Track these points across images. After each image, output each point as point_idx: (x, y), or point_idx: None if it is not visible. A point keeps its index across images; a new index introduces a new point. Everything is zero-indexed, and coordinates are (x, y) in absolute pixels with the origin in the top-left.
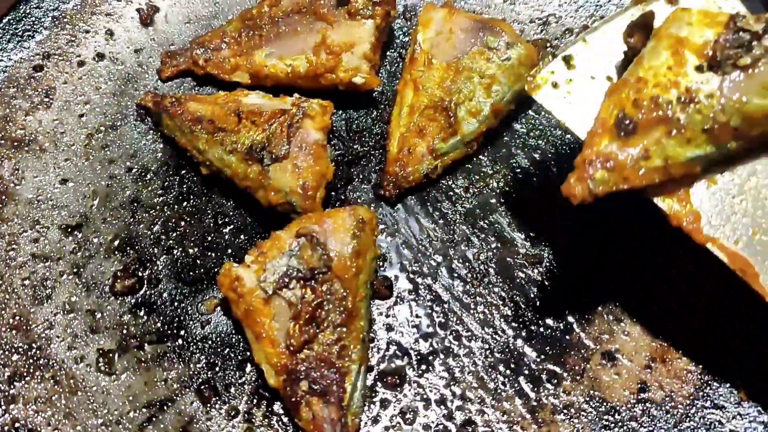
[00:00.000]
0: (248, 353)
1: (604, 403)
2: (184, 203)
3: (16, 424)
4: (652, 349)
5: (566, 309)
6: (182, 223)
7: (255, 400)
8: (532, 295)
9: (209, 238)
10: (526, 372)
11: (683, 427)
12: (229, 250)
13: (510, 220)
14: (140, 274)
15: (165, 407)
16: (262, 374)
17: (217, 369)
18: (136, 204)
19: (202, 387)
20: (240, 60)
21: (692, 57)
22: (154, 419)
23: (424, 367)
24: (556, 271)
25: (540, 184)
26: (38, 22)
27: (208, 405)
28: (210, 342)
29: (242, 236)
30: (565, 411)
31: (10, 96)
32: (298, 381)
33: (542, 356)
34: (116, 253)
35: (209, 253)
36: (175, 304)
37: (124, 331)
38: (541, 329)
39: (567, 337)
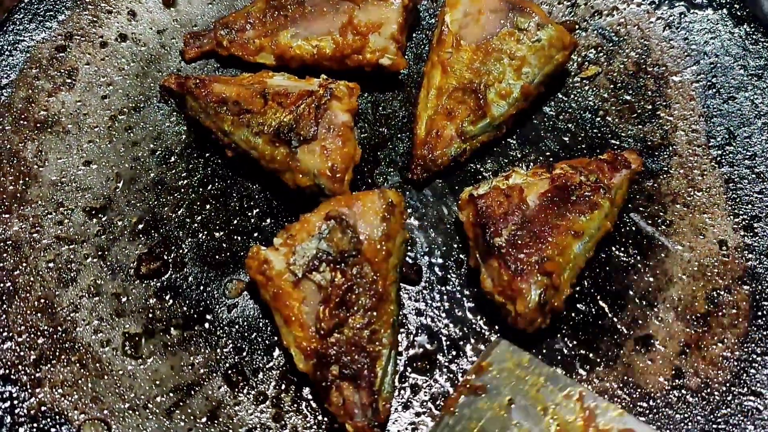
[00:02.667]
0: (276, 337)
1: (639, 390)
2: (209, 186)
3: (43, 408)
4: (686, 334)
5: (598, 294)
6: (207, 206)
7: (283, 385)
8: None
9: (235, 222)
10: (559, 357)
11: (719, 415)
12: (256, 234)
13: None
14: (165, 257)
15: (192, 392)
16: (290, 359)
17: (245, 354)
18: (160, 187)
19: (230, 372)
20: (265, 41)
21: None
22: (181, 404)
23: (454, 352)
24: (587, 254)
25: None
26: (60, 2)
27: (236, 390)
28: (237, 326)
29: (269, 219)
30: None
31: (32, 77)
32: (328, 365)
33: (574, 342)
34: (141, 236)
35: (235, 237)
36: (201, 287)
37: (150, 315)
38: (573, 314)
39: (600, 322)
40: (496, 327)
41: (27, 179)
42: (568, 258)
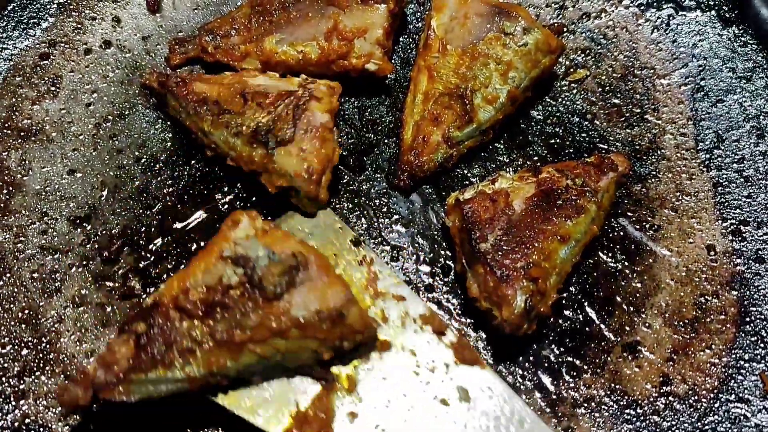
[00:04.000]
0: None
1: (626, 397)
2: (195, 193)
3: (27, 420)
4: (674, 341)
5: (585, 300)
6: (193, 214)
7: None
8: None
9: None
10: (546, 365)
11: (707, 422)
12: None
13: None
14: (151, 266)
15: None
16: None
17: None
18: (145, 194)
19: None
20: (250, 47)
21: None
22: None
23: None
24: (574, 259)
25: None
26: (44, 9)
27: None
28: None
29: None
30: (586, 405)
31: (16, 85)
32: None
33: (562, 349)
34: (126, 245)
35: None
36: None
37: None
38: (560, 321)
39: (587, 329)
40: (483, 334)
41: (10, 188)
42: (555, 263)
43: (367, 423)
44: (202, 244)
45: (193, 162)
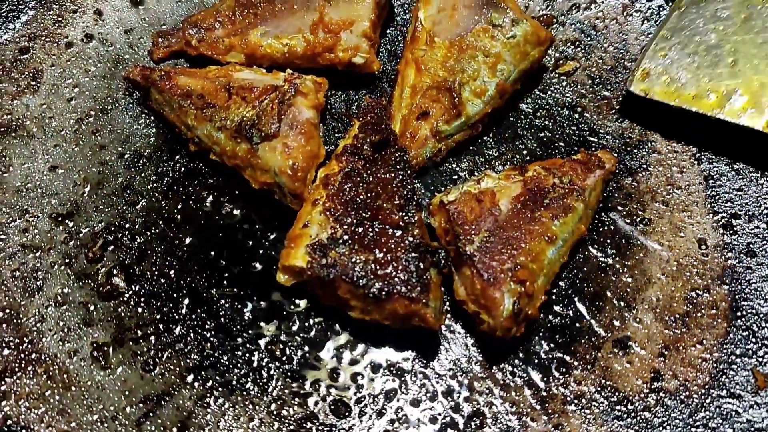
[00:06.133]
0: (249, 345)
1: (616, 393)
2: (180, 189)
3: (8, 422)
4: (665, 336)
5: (575, 295)
6: (177, 211)
7: (254, 391)
8: None
9: (207, 225)
10: (536, 361)
11: (698, 417)
12: (228, 237)
13: None
14: (134, 264)
15: (162, 402)
16: (265, 367)
17: (216, 362)
18: (128, 191)
19: (201, 381)
20: (234, 40)
21: None
22: (151, 414)
23: (429, 357)
24: (561, 259)
25: None
26: (23, 2)
27: (207, 399)
28: (208, 335)
29: (244, 224)
30: (576, 401)
31: None
32: None
33: (551, 345)
34: (109, 242)
35: (206, 241)
36: (172, 294)
37: (119, 324)
38: (550, 316)
39: (577, 324)
40: (469, 336)
41: None
42: (542, 264)
43: None
44: (187, 240)
45: (177, 158)
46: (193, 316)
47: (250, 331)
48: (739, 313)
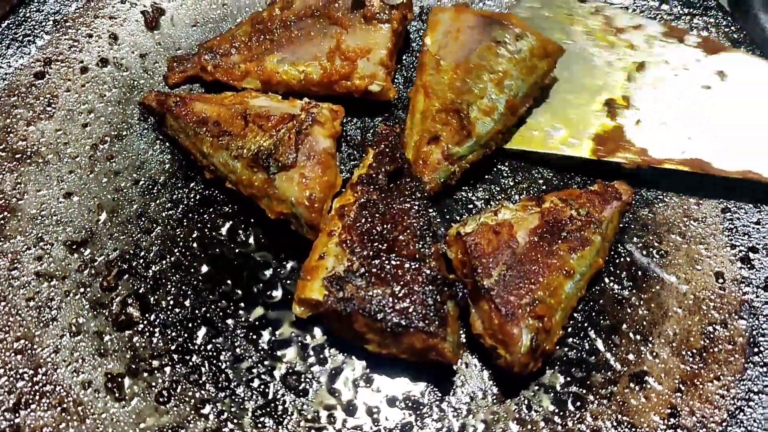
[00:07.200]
0: (265, 377)
1: (633, 429)
2: (195, 217)
3: None
4: (682, 371)
5: (591, 328)
6: (193, 239)
7: (268, 424)
8: None
9: (222, 253)
10: (552, 395)
11: None
12: (243, 265)
13: None
14: (150, 293)
15: None
16: (279, 398)
17: (231, 393)
18: (143, 218)
19: (214, 412)
20: (250, 66)
21: None
22: None
23: (445, 390)
24: (579, 293)
25: None
26: (39, 26)
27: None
28: (223, 365)
29: (260, 252)
30: None
31: (10, 105)
32: None
33: (567, 378)
34: (124, 270)
35: (222, 271)
36: (187, 324)
37: (133, 354)
38: (566, 349)
39: (593, 358)
40: (485, 369)
41: (5, 213)
42: (560, 299)
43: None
44: (203, 269)
45: (192, 185)
46: (209, 347)
47: (265, 362)
48: (756, 349)
